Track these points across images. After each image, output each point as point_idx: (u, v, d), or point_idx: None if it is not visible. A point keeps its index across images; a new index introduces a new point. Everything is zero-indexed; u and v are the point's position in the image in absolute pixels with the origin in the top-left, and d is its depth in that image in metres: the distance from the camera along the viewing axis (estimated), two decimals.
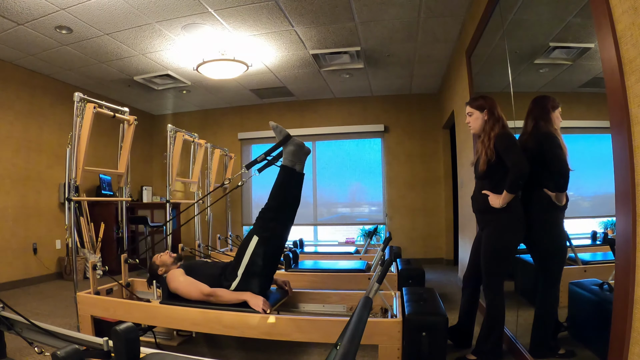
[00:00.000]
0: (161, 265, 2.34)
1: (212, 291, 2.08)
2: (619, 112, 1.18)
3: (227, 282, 2.14)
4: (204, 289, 2.09)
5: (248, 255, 2.10)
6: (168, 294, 2.21)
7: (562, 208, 1.82)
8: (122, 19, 3.32)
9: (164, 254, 2.41)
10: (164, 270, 2.32)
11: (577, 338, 1.82)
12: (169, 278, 2.21)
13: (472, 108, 2.13)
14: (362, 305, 1.18)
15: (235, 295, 2.06)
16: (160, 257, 2.39)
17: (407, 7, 3.26)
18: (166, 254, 2.42)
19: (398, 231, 5.67)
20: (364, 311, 1.16)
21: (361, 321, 1.10)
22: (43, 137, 4.57)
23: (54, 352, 1.12)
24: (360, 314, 1.13)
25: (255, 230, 2.14)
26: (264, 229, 2.11)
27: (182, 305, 2.08)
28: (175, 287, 2.16)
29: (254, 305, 1.97)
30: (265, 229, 2.12)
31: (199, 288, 2.10)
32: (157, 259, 2.39)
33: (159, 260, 2.36)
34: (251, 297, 2.01)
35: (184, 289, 2.13)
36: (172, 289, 2.18)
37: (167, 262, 2.35)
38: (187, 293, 2.12)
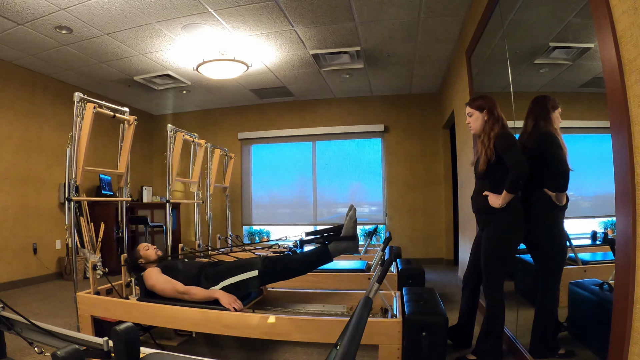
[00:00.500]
0: (144, 257, 2.40)
1: (186, 289, 2.15)
2: (619, 112, 1.18)
3: (207, 283, 2.19)
4: (178, 287, 2.16)
5: (239, 279, 2.17)
6: (145, 292, 2.27)
7: (562, 208, 1.82)
8: (122, 19, 3.32)
9: (151, 249, 2.45)
10: (143, 262, 2.38)
11: (577, 338, 1.82)
12: (145, 276, 2.27)
13: (472, 108, 2.13)
14: (362, 305, 1.18)
15: (207, 292, 2.12)
16: (145, 250, 2.43)
17: (407, 7, 3.26)
18: (153, 249, 2.46)
19: (398, 231, 5.67)
20: (364, 311, 1.15)
21: (361, 321, 1.10)
22: (43, 137, 4.57)
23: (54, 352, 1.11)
24: (360, 314, 1.13)
25: (259, 266, 2.19)
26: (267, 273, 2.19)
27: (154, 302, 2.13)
28: (151, 284, 2.23)
29: (225, 303, 2.04)
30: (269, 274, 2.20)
31: (174, 286, 2.17)
32: (142, 249, 2.43)
33: (143, 252, 2.41)
34: (222, 295, 2.08)
35: (159, 287, 2.20)
36: (148, 286, 2.24)
37: (150, 258, 2.40)
38: (162, 290, 2.19)
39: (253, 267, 2.18)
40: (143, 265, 2.37)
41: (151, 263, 2.39)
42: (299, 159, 6.22)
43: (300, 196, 6.20)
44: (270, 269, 2.18)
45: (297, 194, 6.23)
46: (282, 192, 6.27)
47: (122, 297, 2.49)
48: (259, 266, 2.18)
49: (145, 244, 2.50)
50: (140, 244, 2.50)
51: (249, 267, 2.18)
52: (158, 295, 2.21)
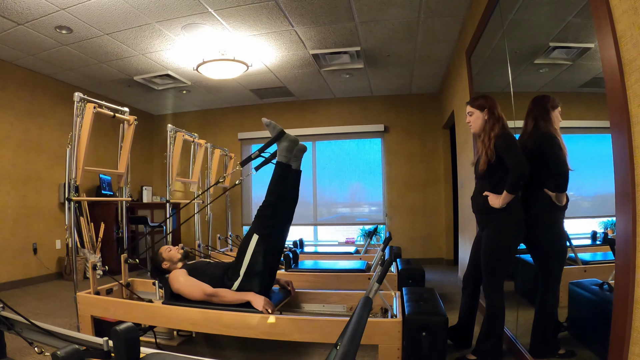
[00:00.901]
0: (167, 259, 2.30)
1: (214, 291, 2.07)
2: (619, 112, 1.18)
3: (229, 281, 2.12)
4: (206, 290, 2.08)
5: (249, 254, 2.08)
6: (171, 295, 2.19)
7: (562, 208, 1.82)
8: (122, 19, 3.32)
9: (173, 249, 2.36)
10: (167, 265, 2.29)
11: (577, 338, 1.82)
12: (171, 279, 2.19)
13: (472, 107, 2.13)
14: (362, 305, 1.18)
15: (238, 295, 2.05)
16: (168, 252, 2.33)
17: (407, 7, 3.26)
18: (175, 249, 2.36)
19: (398, 231, 5.67)
20: (364, 311, 1.16)
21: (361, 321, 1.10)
22: (43, 137, 4.57)
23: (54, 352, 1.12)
24: (360, 314, 1.13)
25: (254, 228, 2.12)
26: (263, 227, 2.10)
27: (183, 305, 2.07)
28: (177, 287, 2.14)
29: (257, 305, 1.96)
30: (265, 226, 2.10)
31: (202, 288, 2.08)
32: (164, 251, 2.33)
33: (166, 254, 2.32)
34: (254, 297, 2.00)
35: (186, 290, 2.12)
36: (174, 290, 2.16)
37: (174, 259, 2.31)
38: (190, 293, 2.10)
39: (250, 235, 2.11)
40: (167, 267, 2.29)
41: (176, 264, 2.30)
42: None
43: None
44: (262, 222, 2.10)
45: None
46: None
47: (123, 297, 2.49)
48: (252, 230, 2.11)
49: (166, 245, 2.41)
50: (161, 247, 2.39)
51: (249, 238, 2.11)
52: (184, 298, 2.12)
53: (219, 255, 3.79)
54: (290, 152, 2.12)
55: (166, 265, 2.30)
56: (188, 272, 2.20)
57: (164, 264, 2.30)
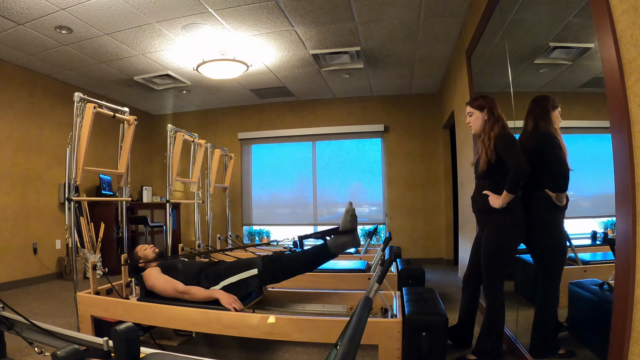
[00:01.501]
0: (142, 258, 2.39)
1: (186, 289, 2.14)
2: (619, 112, 1.18)
3: (207, 283, 2.19)
4: (178, 287, 2.15)
5: (239, 279, 2.17)
6: (145, 292, 2.27)
7: (562, 208, 1.82)
8: (122, 19, 3.32)
9: (148, 248, 2.45)
10: (143, 264, 2.37)
11: (577, 338, 1.82)
12: (145, 276, 2.27)
13: (472, 108, 2.13)
14: (362, 305, 1.18)
15: (207, 292, 2.12)
16: (143, 251, 2.43)
17: (407, 7, 3.26)
18: (150, 248, 2.46)
19: (398, 231, 5.67)
20: (364, 311, 1.16)
21: (361, 321, 1.10)
22: (43, 137, 4.57)
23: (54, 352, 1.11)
24: (360, 314, 1.13)
25: (261, 265, 2.18)
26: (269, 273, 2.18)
27: (156, 302, 2.13)
28: (151, 284, 2.22)
29: (225, 303, 2.03)
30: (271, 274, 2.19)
31: (174, 286, 2.16)
32: (140, 250, 2.43)
33: (141, 253, 2.42)
34: (222, 295, 2.08)
35: (159, 287, 2.19)
36: (148, 287, 2.24)
37: (148, 257, 2.40)
38: (163, 290, 2.18)
39: (253, 266, 2.18)
40: (143, 266, 2.37)
41: (151, 262, 2.38)
42: (299, 159, 6.22)
43: (300, 196, 6.20)
44: (270, 268, 2.18)
45: (297, 194, 6.23)
46: (282, 192, 6.27)
47: (122, 297, 2.49)
48: (258, 265, 2.18)
49: (143, 244, 2.51)
50: (138, 245, 2.50)
51: (249, 267, 2.18)
52: (158, 295, 2.20)
53: (219, 255, 3.79)
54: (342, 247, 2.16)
55: (142, 264, 2.38)
56: (162, 270, 2.29)
57: (140, 263, 2.39)
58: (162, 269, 2.30)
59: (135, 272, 2.40)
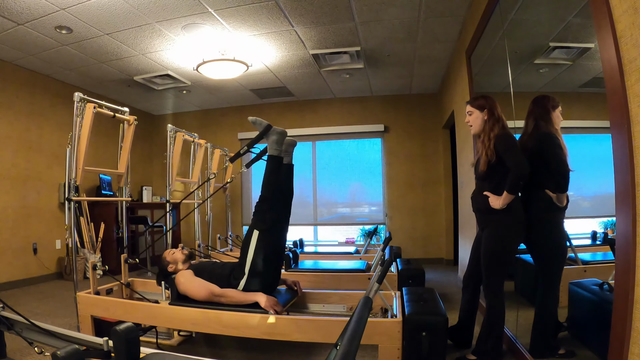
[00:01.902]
0: (172, 262, 2.31)
1: (222, 292, 2.05)
2: (619, 112, 1.18)
3: (235, 281, 2.11)
4: (214, 290, 2.06)
5: (252, 251, 2.07)
6: (177, 295, 2.17)
7: (562, 209, 1.82)
8: (122, 19, 3.32)
9: (176, 251, 2.36)
10: (173, 268, 2.29)
11: (577, 338, 1.82)
12: (177, 279, 2.17)
13: (472, 107, 2.13)
14: (362, 305, 1.18)
15: (246, 296, 2.03)
16: (172, 254, 2.33)
17: (407, 7, 3.26)
18: (179, 250, 2.37)
19: (398, 231, 5.67)
20: (364, 311, 1.15)
21: (361, 321, 1.10)
22: (43, 137, 4.57)
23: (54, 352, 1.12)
24: (360, 314, 1.13)
25: (254, 224, 2.12)
26: (262, 222, 2.09)
27: (190, 306, 2.06)
28: (184, 289, 2.13)
29: (266, 306, 1.95)
30: (263, 221, 2.10)
31: (210, 289, 2.07)
32: (168, 254, 2.34)
33: (170, 257, 2.32)
34: (261, 297, 1.98)
35: (193, 290, 2.10)
36: (181, 291, 2.14)
37: (179, 260, 2.31)
38: (197, 294, 2.09)
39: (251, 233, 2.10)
40: (173, 270, 2.28)
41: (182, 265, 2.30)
42: (299, 159, 6.17)
43: (300, 196, 6.20)
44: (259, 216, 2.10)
45: (297, 194, 6.16)
46: None
47: (123, 297, 2.49)
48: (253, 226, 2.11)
49: (169, 249, 2.42)
50: (165, 251, 2.39)
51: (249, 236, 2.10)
52: (190, 299, 2.11)
53: (219, 255, 3.79)
54: (280, 144, 2.13)
55: (172, 268, 2.30)
56: (194, 273, 2.19)
57: (170, 267, 2.30)
58: (194, 272, 2.21)
59: (165, 277, 2.32)
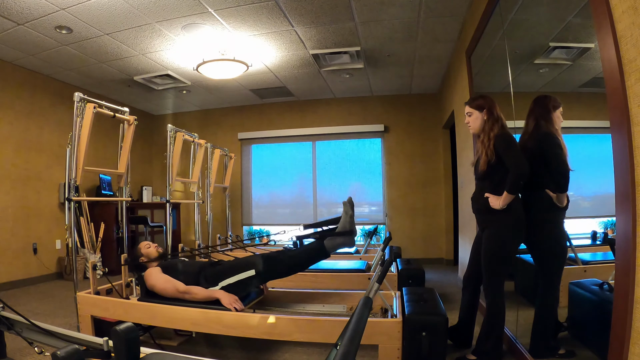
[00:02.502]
0: (145, 255, 2.38)
1: (187, 289, 2.14)
2: (619, 112, 1.18)
3: (206, 284, 2.19)
4: (179, 287, 2.15)
5: (237, 279, 2.16)
6: (146, 292, 2.26)
7: (563, 209, 1.82)
8: (122, 19, 3.32)
9: (152, 246, 2.44)
10: (144, 261, 2.36)
11: (577, 338, 1.82)
12: (146, 276, 2.26)
13: (471, 108, 2.13)
14: (362, 305, 1.18)
15: (208, 292, 2.11)
16: (147, 248, 2.42)
17: (407, 7, 3.26)
18: (154, 247, 2.44)
19: (398, 231, 5.67)
20: (364, 311, 1.16)
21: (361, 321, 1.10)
22: (43, 137, 4.57)
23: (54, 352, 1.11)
24: (360, 314, 1.13)
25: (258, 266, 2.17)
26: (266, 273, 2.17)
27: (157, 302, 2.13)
28: (152, 284, 2.22)
29: (225, 303, 2.03)
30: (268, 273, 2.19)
31: (175, 286, 2.16)
32: (143, 247, 2.42)
33: (144, 250, 2.40)
34: (223, 295, 2.07)
35: (160, 286, 2.19)
36: (149, 287, 2.23)
37: (151, 256, 2.38)
38: (163, 290, 2.18)
39: (250, 266, 2.17)
40: (144, 264, 2.36)
41: (152, 262, 2.37)
42: (299, 159, 6.22)
43: (300, 196, 6.20)
44: (267, 267, 2.17)
45: (297, 194, 6.22)
46: (282, 192, 6.26)
47: (122, 297, 2.49)
48: (256, 265, 2.17)
49: (146, 242, 2.49)
50: (141, 242, 2.48)
51: (247, 267, 2.17)
52: (158, 295, 2.20)
53: (219, 255, 3.79)
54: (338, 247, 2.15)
55: (143, 260, 2.37)
56: (162, 270, 2.28)
57: (141, 259, 2.38)
58: (162, 269, 2.29)
59: (136, 270, 2.39)
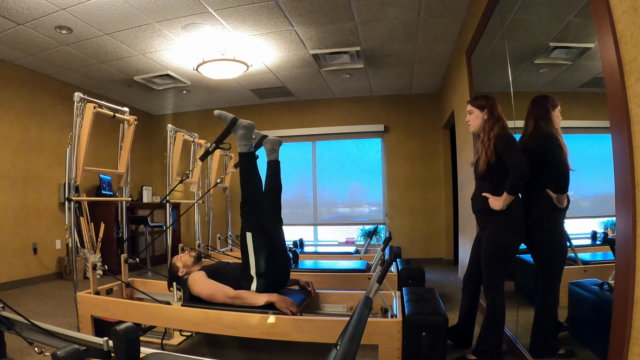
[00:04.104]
0: (182, 266, 2.30)
1: (237, 294, 2.02)
2: (619, 112, 1.18)
3: (246, 284, 2.09)
4: (228, 292, 2.03)
5: (252, 253, 2.06)
6: (190, 297, 2.15)
7: (563, 210, 1.82)
8: (122, 19, 3.32)
9: (184, 255, 2.37)
10: (184, 272, 2.28)
11: (577, 338, 1.82)
12: (190, 281, 2.16)
13: (472, 107, 2.13)
14: (362, 305, 1.18)
15: (260, 297, 2.00)
16: (180, 258, 2.34)
17: (407, 7, 3.26)
18: (186, 254, 2.37)
19: (398, 231, 5.67)
20: (364, 311, 1.15)
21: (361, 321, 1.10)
22: (43, 137, 4.57)
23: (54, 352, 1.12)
24: (360, 314, 1.13)
25: (244, 227, 2.09)
26: (249, 223, 2.07)
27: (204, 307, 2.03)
28: (198, 290, 2.11)
29: (281, 307, 1.93)
30: (250, 221, 2.07)
31: (224, 291, 2.04)
32: (177, 260, 2.34)
33: (179, 262, 2.32)
34: (278, 298, 1.96)
35: (207, 292, 2.08)
36: (194, 293, 2.12)
37: (188, 263, 2.31)
38: (211, 297, 2.06)
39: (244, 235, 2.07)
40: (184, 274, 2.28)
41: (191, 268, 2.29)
42: (299, 159, 6.22)
43: (300, 196, 6.20)
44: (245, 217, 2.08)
45: (297, 194, 6.22)
46: (282, 192, 6.24)
47: (123, 297, 2.49)
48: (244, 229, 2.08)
49: (177, 255, 2.41)
50: (173, 257, 2.38)
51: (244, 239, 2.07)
52: (204, 301, 2.09)
53: (219, 255, 3.79)
54: (249, 139, 2.06)
55: (182, 272, 2.29)
56: (207, 275, 2.18)
57: (180, 272, 2.29)
58: (207, 274, 2.18)
59: (179, 279, 2.29)
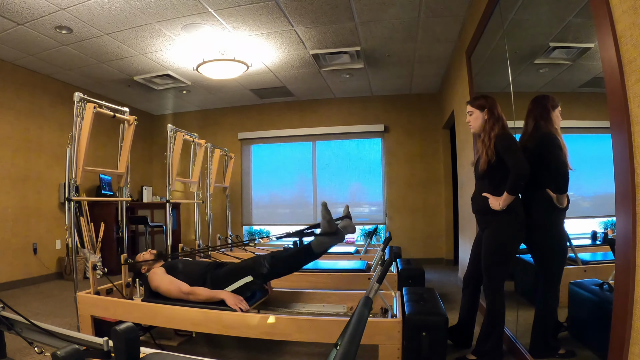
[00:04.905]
0: (144, 264, 2.41)
1: (191, 290, 2.14)
2: (619, 112, 1.18)
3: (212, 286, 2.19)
4: (183, 287, 2.15)
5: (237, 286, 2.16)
6: (150, 293, 2.28)
7: (563, 210, 1.82)
8: (122, 19, 3.32)
9: (145, 253, 2.48)
10: (146, 269, 2.38)
11: (577, 338, 1.82)
12: (150, 277, 2.28)
13: (472, 107, 2.13)
14: (362, 305, 1.18)
15: (212, 293, 2.12)
16: (142, 256, 2.46)
17: (407, 7, 3.26)
18: (147, 252, 2.49)
19: (398, 231, 5.67)
20: (364, 311, 1.15)
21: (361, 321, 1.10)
22: (43, 137, 4.57)
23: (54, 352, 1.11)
24: (360, 314, 1.13)
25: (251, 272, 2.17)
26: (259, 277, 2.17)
27: (161, 303, 2.13)
28: (156, 285, 2.23)
29: (230, 304, 2.03)
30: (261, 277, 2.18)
31: (178, 286, 2.16)
32: (139, 257, 2.47)
33: (141, 258, 2.44)
34: (228, 296, 2.08)
35: (164, 287, 2.20)
36: (153, 288, 2.25)
37: (148, 259, 2.41)
38: (167, 291, 2.19)
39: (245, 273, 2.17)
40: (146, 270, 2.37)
41: (154, 264, 2.39)
42: (299, 159, 6.22)
43: (300, 196, 6.20)
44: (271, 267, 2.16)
45: (297, 194, 6.22)
46: (282, 192, 6.26)
47: (124, 297, 2.49)
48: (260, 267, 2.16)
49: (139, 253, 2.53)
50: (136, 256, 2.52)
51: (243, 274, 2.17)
52: (162, 296, 2.21)
53: (219, 255, 3.79)
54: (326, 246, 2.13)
55: (144, 269, 2.39)
56: (166, 271, 2.29)
57: (142, 269, 2.40)
58: (166, 270, 2.31)
59: (141, 275, 2.41)
